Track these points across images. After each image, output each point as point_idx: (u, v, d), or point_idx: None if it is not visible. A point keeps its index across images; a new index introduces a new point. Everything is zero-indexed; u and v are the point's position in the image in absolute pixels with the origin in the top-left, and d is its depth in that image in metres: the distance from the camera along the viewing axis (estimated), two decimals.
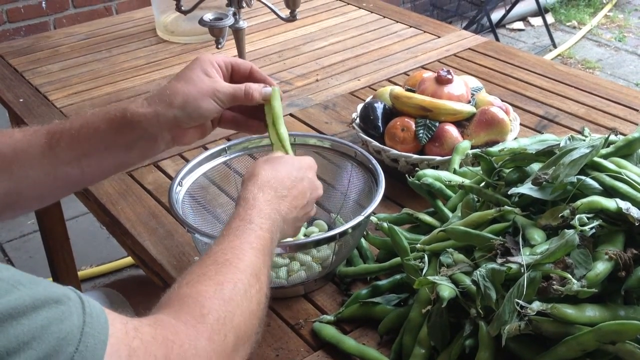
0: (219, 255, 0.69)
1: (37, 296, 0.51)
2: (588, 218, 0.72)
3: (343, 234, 0.85)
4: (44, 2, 2.75)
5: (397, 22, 1.76)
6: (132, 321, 0.58)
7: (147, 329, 0.58)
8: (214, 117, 0.87)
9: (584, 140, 0.81)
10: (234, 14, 1.31)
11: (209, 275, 0.67)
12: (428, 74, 1.19)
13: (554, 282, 0.66)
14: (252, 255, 0.70)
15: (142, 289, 1.19)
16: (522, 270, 0.68)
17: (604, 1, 4.34)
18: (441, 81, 1.14)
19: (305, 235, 0.98)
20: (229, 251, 0.70)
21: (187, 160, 1.18)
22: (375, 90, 1.34)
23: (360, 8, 1.85)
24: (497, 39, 3.65)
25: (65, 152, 0.80)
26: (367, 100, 1.21)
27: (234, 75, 0.89)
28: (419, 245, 0.83)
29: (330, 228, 0.99)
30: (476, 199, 0.86)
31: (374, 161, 0.96)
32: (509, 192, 0.80)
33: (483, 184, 0.86)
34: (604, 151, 0.83)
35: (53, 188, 0.83)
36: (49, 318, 0.50)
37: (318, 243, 0.87)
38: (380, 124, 1.13)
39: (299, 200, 0.81)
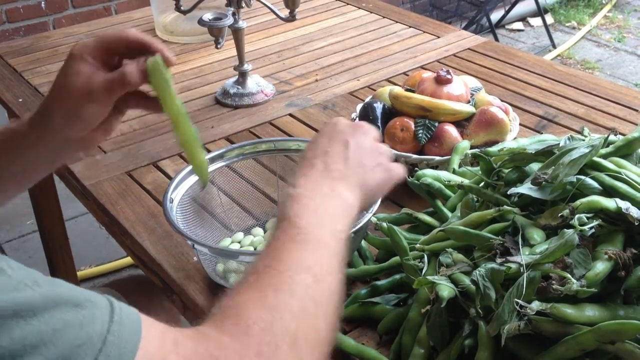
0: (258, 264, 0.63)
1: (52, 296, 0.47)
2: (587, 218, 0.72)
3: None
4: (43, 2, 2.75)
5: (397, 22, 1.76)
6: (172, 332, 0.53)
7: (189, 343, 0.53)
8: (105, 115, 0.79)
9: (584, 140, 0.81)
10: (234, 14, 1.31)
11: (249, 284, 0.60)
12: (427, 74, 1.19)
13: (554, 282, 0.66)
14: (292, 251, 0.63)
15: (142, 289, 1.19)
16: (522, 270, 0.67)
17: (604, 2, 4.34)
18: (440, 81, 1.14)
19: None
20: (268, 256, 0.63)
21: (187, 162, 1.18)
22: (375, 90, 1.34)
23: (359, 8, 1.85)
24: (497, 39, 3.66)
25: None
26: (367, 100, 1.21)
27: (113, 53, 0.80)
28: (418, 245, 0.83)
29: None
30: (475, 199, 0.86)
31: None
32: (508, 192, 0.79)
33: (482, 184, 0.86)
34: (603, 151, 0.83)
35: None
36: (65, 321, 0.46)
37: None
38: (379, 124, 1.13)
39: (341, 160, 0.73)
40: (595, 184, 0.76)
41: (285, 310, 0.58)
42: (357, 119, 1.17)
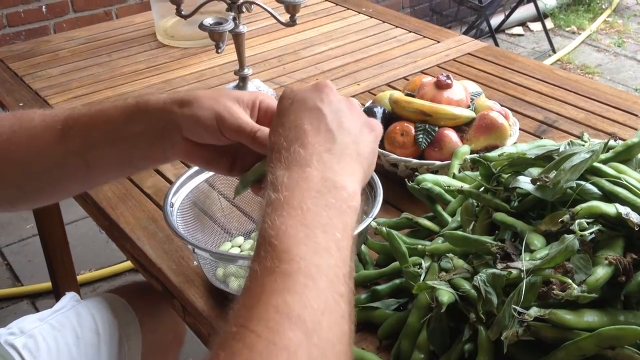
0: (232, 322, 0.49)
1: None
2: (588, 223, 0.72)
3: None
4: (44, 7, 2.75)
5: (397, 27, 1.76)
6: None
7: None
8: (215, 140, 0.72)
9: (583, 146, 0.81)
10: (234, 19, 1.31)
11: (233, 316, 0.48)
12: (427, 79, 1.19)
13: (554, 287, 0.66)
14: (272, 295, 0.49)
15: (146, 295, 1.19)
16: (522, 276, 0.68)
17: (603, 7, 4.35)
18: (440, 86, 1.14)
19: None
20: (242, 307, 0.50)
21: (188, 166, 1.18)
22: (375, 94, 1.34)
23: (359, 13, 1.85)
24: (497, 44, 3.66)
25: (75, 141, 0.75)
26: (367, 104, 1.21)
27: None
28: (419, 246, 0.83)
29: None
30: (475, 204, 0.86)
31: None
32: (510, 186, 0.79)
33: (482, 189, 0.86)
34: (603, 156, 0.83)
35: (61, 181, 0.78)
36: None
37: None
38: None
39: (323, 135, 0.60)
40: (595, 189, 0.76)
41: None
42: None
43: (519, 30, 4.12)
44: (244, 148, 0.72)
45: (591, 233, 0.71)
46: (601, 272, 0.67)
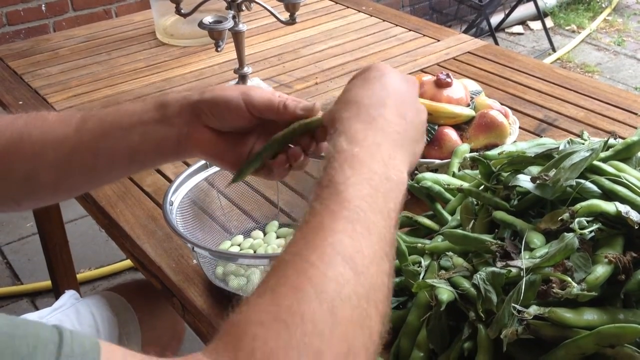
0: (287, 250, 0.53)
1: None
2: (587, 221, 0.72)
3: None
4: (43, 5, 2.75)
5: (397, 25, 1.76)
6: None
7: None
8: (238, 121, 0.73)
9: (583, 144, 0.81)
10: (234, 17, 1.31)
11: (266, 285, 0.50)
12: (427, 78, 1.19)
13: (554, 286, 0.66)
14: (331, 233, 0.52)
15: (146, 293, 1.19)
16: (522, 274, 0.67)
17: (603, 5, 4.34)
18: (440, 84, 1.14)
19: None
20: (300, 239, 0.53)
21: (188, 164, 1.18)
22: None
23: (359, 11, 1.85)
24: (497, 43, 3.66)
25: (88, 133, 0.75)
26: None
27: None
28: (419, 245, 0.83)
29: None
30: (475, 203, 0.86)
31: None
32: (509, 184, 0.79)
33: (482, 187, 0.86)
34: (603, 155, 0.83)
35: (67, 174, 0.78)
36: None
37: None
38: None
39: (400, 120, 0.64)
40: (595, 188, 0.76)
41: (309, 320, 0.46)
42: None
43: (518, 29, 4.11)
44: (263, 136, 0.74)
45: (591, 231, 0.71)
46: (601, 271, 0.67)
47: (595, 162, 0.79)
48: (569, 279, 0.66)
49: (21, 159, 0.76)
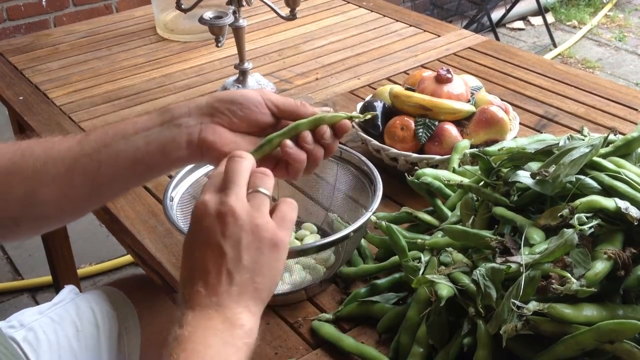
0: None
1: None
2: (587, 217, 0.72)
3: (345, 237, 0.84)
4: (44, 0, 2.75)
5: (397, 21, 1.76)
6: None
7: None
8: (257, 116, 0.74)
9: (583, 140, 0.81)
10: (234, 13, 1.31)
11: None
12: (428, 73, 1.19)
13: (553, 281, 0.66)
14: None
15: (146, 287, 1.19)
16: (522, 270, 0.68)
17: (604, 1, 4.34)
18: (441, 80, 1.14)
19: (297, 239, 0.98)
20: None
21: None
22: (375, 89, 1.34)
23: (360, 7, 1.85)
24: (497, 38, 3.65)
25: (90, 144, 0.75)
26: (367, 99, 1.21)
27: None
28: (419, 240, 0.83)
29: (324, 229, 1.00)
30: (475, 198, 0.86)
31: (366, 161, 0.95)
32: (509, 180, 0.80)
33: (482, 183, 0.86)
34: (602, 150, 0.83)
35: (70, 187, 0.76)
36: None
37: (320, 248, 0.86)
38: (379, 123, 1.13)
39: (224, 274, 0.63)
40: (595, 184, 0.76)
41: None
42: None
43: (519, 24, 4.11)
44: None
45: (590, 227, 0.71)
46: (600, 267, 0.68)
47: (595, 158, 0.79)
48: (569, 275, 0.66)
49: (21, 177, 0.75)
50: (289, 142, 0.73)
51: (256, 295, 0.64)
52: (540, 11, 3.86)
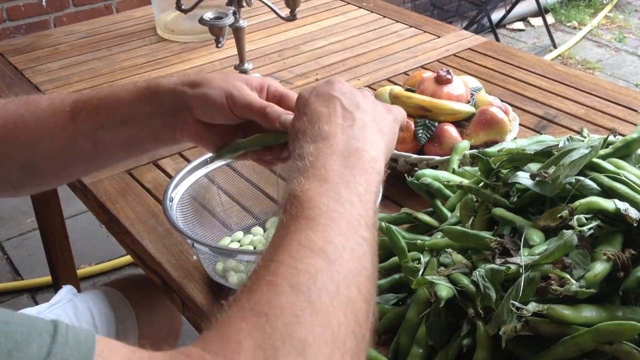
0: (259, 261, 0.54)
1: None
2: (586, 219, 0.72)
3: None
4: (44, 0, 2.75)
5: (397, 21, 1.76)
6: (141, 354, 0.47)
7: None
8: (223, 119, 0.75)
9: (583, 141, 0.81)
10: (234, 13, 1.31)
11: (245, 288, 0.51)
12: (428, 74, 1.19)
13: (553, 283, 0.66)
14: (295, 233, 0.54)
15: (143, 288, 1.19)
16: (521, 271, 0.68)
17: (604, 2, 4.34)
18: (441, 81, 1.14)
19: None
20: (269, 247, 0.55)
21: (188, 160, 1.18)
22: (375, 89, 1.34)
23: (360, 8, 1.85)
24: (497, 39, 3.65)
25: (84, 123, 0.77)
26: None
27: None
28: (419, 241, 0.83)
29: None
30: (475, 199, 0.86)
31: None
32: (509, 181, 0.80)
33: (481, 184, 0.86)
34: (602, 152, 0.83)
35: (67, 162, 0.80)
36: None
37: None
38: None
39: (346, 115, 0.65)
40: (594, 185, 0.76)
41: (288, 312, 0.48)
42: None
43: (519, 25, 4.11)
44: (251, 130, 0.76)
45: (590, 228, 0.71)
46: (599, 268, 0.68)
47: (595, 160, 0.79)
48: (568, 276, 0.66)
49: (19, 146, 0.77)
50: (254, 155, 0.79)
51: (380, 135, 0.65)
52: (540, 12, 3.86)
